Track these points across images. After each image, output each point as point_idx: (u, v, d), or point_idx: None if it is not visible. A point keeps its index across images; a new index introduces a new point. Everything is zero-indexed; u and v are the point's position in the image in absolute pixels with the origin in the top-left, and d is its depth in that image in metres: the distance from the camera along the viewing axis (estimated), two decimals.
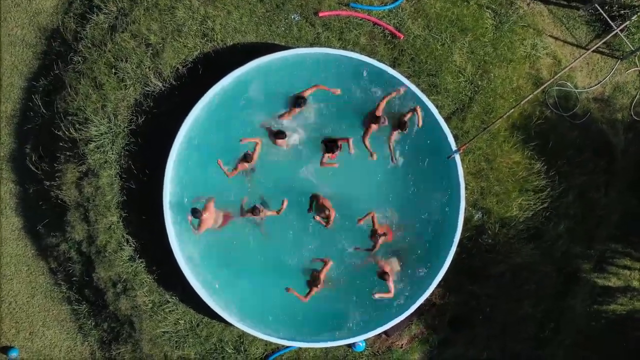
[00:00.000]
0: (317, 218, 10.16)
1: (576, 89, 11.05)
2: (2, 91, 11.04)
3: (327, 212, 10.02)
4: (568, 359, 11.30)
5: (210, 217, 9.92)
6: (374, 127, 10.05)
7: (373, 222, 10.10)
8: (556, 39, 11.15)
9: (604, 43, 10.78)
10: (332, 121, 10.22)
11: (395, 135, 10.15)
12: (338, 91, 10.09)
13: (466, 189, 10.22)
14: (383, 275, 10.01)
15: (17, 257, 11.10)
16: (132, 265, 10.49)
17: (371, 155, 10.16)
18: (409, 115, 10.03)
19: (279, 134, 10.00)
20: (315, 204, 10.22)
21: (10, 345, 11.10)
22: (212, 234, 10.11)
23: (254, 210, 9.92)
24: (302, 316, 10.39)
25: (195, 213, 9.73)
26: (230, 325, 10.21)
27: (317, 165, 10.21)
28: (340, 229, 10.28)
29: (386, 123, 10.05)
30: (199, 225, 9.90)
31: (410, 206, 10.30)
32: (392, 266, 10.16)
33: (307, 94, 10.02)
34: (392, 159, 10.23)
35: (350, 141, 10.13)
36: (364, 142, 10.12)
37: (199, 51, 10.44)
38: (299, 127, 10.24)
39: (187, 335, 10.60)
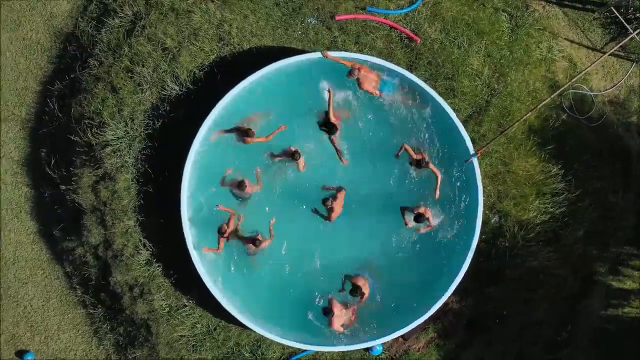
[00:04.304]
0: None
1: (591, 92, 11.05)
2: (18, 95, 11.03)
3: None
4: None
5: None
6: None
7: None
8: (572, 41, 11.15)
9: (619, 46, 10.78)
10: None
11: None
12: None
13: (483, 192, 10.22)
14: (420, 217, 9.92)
15: (32, 261, 11.08)
16: (149, 269, 10.47)
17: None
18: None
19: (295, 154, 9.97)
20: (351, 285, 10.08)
21: (25, 349, 11.08)
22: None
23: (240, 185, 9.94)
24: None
25: None
26: (248, 328, 10.21)
27: None
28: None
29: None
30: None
31: None
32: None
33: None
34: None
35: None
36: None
37: (215, 55, 10.42)
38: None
39: (204, 339, 10.57)
